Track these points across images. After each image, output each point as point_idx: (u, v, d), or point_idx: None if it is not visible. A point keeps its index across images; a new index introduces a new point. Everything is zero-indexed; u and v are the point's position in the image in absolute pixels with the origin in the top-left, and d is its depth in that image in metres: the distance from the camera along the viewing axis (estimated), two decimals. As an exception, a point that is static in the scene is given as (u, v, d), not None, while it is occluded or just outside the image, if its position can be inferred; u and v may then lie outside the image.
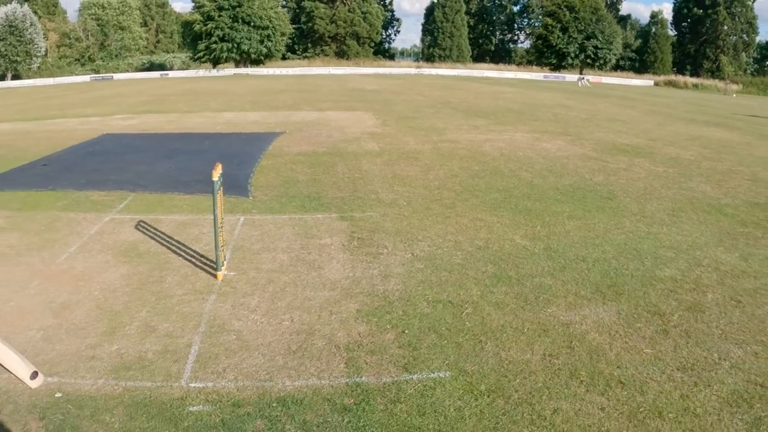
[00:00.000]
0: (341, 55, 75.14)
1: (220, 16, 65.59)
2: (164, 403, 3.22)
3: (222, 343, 3.87)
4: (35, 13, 74.15)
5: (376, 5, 78.84)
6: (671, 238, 6.18)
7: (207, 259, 5.43)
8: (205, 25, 66.20)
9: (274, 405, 3.18)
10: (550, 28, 62.75)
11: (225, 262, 5.20)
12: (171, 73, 68.54)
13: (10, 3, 70.37)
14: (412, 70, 61.52)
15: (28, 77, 72.56)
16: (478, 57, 75.72)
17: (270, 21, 64.97)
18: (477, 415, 3.07)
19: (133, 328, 4.13)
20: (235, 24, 65.04)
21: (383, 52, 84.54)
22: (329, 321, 4.16)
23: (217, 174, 4.75)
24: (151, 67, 75.10)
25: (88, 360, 3.72)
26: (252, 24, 65.66)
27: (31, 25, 70.14)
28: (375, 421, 3.03)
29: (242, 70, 63.08)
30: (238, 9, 65.22)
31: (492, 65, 67.45)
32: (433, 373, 3.48)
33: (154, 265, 5.33)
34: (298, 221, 6.58)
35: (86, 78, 71.20)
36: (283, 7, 70.54)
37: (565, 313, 4.31)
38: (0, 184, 8.95)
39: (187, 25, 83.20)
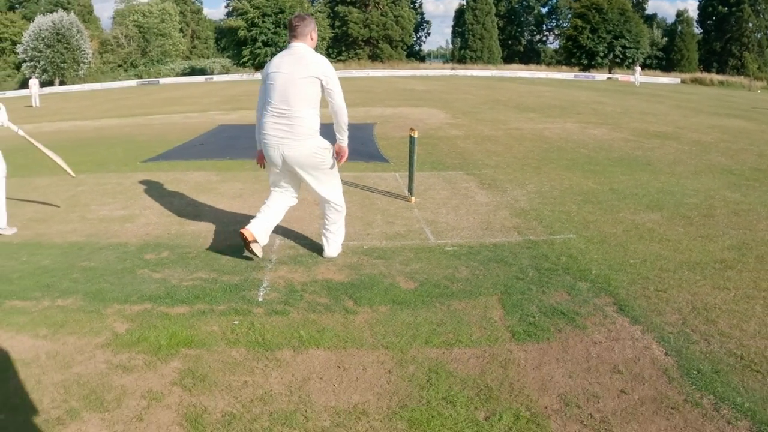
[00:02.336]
0: (374, 58, 77.40)
1: (263, 22, 67.67)
2: (429, 248, 6.12)
3: (440, 227, 6.81)
4: (73, 21, 75.58)
5: (408, 9, 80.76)
6: (693, 185, 9.05)
7: (393, 193, 8.45)
8: (249, 30, 68.22)
9: (491, 246, 6.06)
10: (579, 28, 64.81)
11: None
12: (215, 77, 70.57)
13: (56, 11, 72.56)
14: (447, 72, 63.79)
15: (74, 83, 74.00)
16: (508, 58, 77.82)
17: (311, 26, 67.28)
18: (596, 250, 5.97)
19: (379, 223, 7.06)
20: (278, 29, 67.35)
21: (415, 54, 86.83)
22: (495, 219, 7.12)
23: (415, 133, 7.75)
24: (192, 71, 77.10)
25: (365, 236, 6.56)
26: (293, 29, 67.76)
27: (77, 32, 71.75)
28: (544, 250, 5.89)
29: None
30: (280, 15, 67.53)
31: (522, 66, 69.68)
32: (566, 235, 6.42)
33: (361, 197, 8.31)
34: (436, 175, 9.59)
35: (132, 83, 72.53)
36: (320, 12, 73.43)
37: (630, 216, 7.24)
38: (179, 156, 11.91)
39: (223, 31, 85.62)
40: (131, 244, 6.54)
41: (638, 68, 52.15)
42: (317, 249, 6.12)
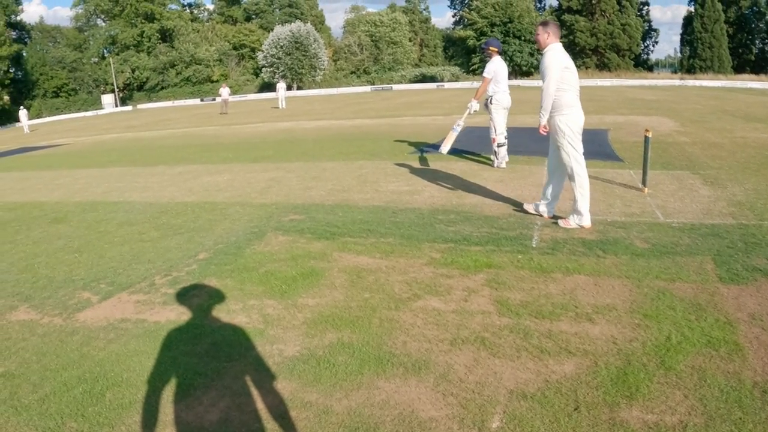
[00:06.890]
0: (602, 67, 75.55)
1: (492, 32, 68.78)
2: (659, 223, 7.49)
3: (668, 210, 8.07)
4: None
5: (635, 16, 77.82)
6: None
7: (628, 185, 9.82)
8: (479, 40, 69.64)
9: (709, 225, 7.20)
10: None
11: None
12: (446, 85, 71.82)
13: (293, 21, 77.89)
14: (676, 82, 60.91)
15: (310, 88, 79.08)
16: (739, 67, 72.03)
17: (540, 36, 67.32)
18: None
19: (618, 205, 8.38)
20: (507, 38, 68.14)
21: (642, 63, 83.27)
22: (714, 207, 8.15)
23: (649, 133, 9.17)
24: (423, 78, 78.70)
25: (608, 213, 8.12)
26: (522, 38, 68.50)
27: (314, 41, 76.52)
28: (753, 230, 6.88)
29: (514, 82, 66.88)
30: (509, 24, 68.30)
31: (753, 76, 64.18)
32: (774, 222, 7.54)
33: (603, 186, 9.46)
34: (666, 174, 10.47)
35: (366, 88, 75.43)
36: (548, 23, 72.95)
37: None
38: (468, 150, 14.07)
39: (451, 39, 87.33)
40: (423, 209, 8.79)
41: None
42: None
